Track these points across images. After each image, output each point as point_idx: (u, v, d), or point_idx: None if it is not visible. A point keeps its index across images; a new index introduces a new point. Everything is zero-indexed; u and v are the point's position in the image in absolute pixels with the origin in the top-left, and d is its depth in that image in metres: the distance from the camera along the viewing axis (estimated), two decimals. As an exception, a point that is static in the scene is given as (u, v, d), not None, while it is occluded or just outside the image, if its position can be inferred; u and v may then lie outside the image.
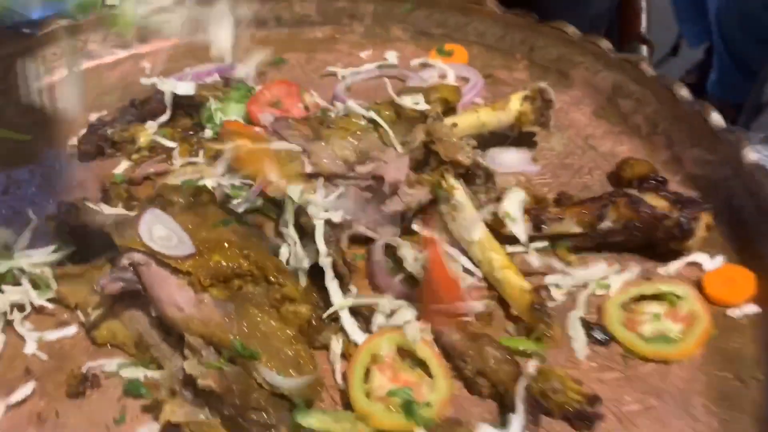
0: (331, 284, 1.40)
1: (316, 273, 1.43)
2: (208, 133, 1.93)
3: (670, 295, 1.45)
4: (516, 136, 1.85)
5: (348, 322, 1.40)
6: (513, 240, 1.56)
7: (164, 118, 2.03)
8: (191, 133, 1.98)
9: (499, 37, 2.24)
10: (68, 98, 1.96)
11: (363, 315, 1.42)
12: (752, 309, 1.43)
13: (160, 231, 1.32)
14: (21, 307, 1.50)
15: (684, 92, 1.79)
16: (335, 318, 1.42)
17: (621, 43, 2.83)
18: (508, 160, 1.84)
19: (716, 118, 1.69)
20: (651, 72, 1.90)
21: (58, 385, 1.38)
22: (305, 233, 1.50)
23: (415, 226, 1.57)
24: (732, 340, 1.39)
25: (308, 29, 2.42)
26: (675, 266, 1.53)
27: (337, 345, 1.38)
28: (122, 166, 1.89)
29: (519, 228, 1.53)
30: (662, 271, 1.53)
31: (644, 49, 2.88)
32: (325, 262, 1.39)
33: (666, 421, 1.27)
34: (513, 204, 1.56)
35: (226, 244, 1.33)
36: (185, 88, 2.00)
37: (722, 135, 1.66)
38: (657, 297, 1.46)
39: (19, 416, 1.34)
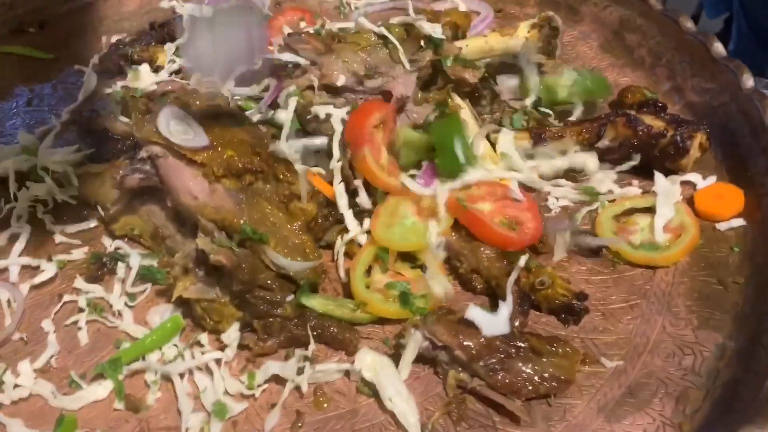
0: (338, 186, 1.47)
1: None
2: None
3: (661, 207, 1.51)
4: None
5: (352, 222, 1.48)
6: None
7: (182, 40, 2.10)
8: (208, 54, 2.04)
9: (511, -27, 2.27)
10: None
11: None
12: (739, 222, 1.48)
13: (178, 125, 1.39)
14: (44, 203, 1.59)
15: (689, 24, 1.83)
16: (340, 220, 1.49)
17: None
18: (513, 86, 1.89)
19: (718, 48, 1.73)
20: (658, 6, 1.94)
21: (77, 269, 1.47)
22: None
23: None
24: (718, 250, 1.45)
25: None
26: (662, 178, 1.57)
27: (340, 243, 1.46)
28: (142, 84, 1.95)
29: (518, 162, 1.58)
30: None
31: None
32: (336, 166, 1.46)
33: (648, 318, 1.34)
34: (506, 144, 1.61)
35: (238, 141, 1.40)
36: (203, 10, 2.06)
37: (723, 63, 1.70)
38: (649, 209, 1.52)
39: (41, 296, 1.44)
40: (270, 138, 1.52)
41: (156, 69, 2.02)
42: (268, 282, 1.28)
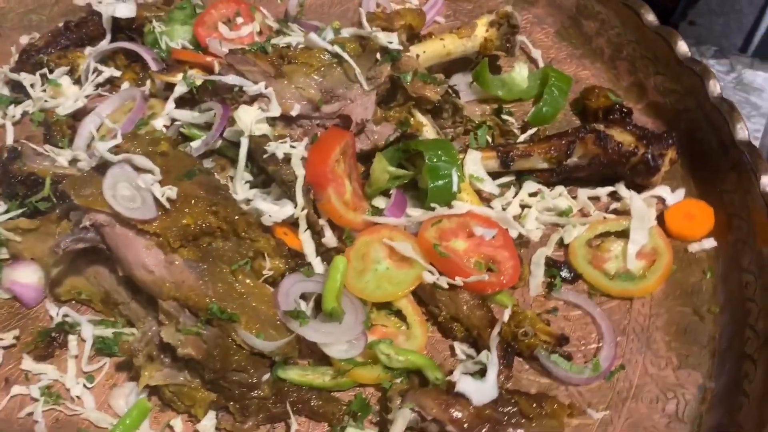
0: (304, 235, 1.38)
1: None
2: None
3: (634, 231, 1.48)
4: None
5: (320, 269, 1.39)
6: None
7: (104, 43, 1.88)
8: (135, 60, 1.83)
9: (462, -48, 2.12)
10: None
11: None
12: (710, 243, 1.48)
13: (124, 190, 1.24)
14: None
15: (650, 17, 1.75)
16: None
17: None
18: (473, 86, 1.80)
19: (682, 47, 1.67)
20: (616, -8, 1.85)
21: (23, 347, 1.34)
22: (270, 182, 1.47)
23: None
24: (691, 274, 1.45)
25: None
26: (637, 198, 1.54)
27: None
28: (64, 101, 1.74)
29: (489, 185, 1.52)
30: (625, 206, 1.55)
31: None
32: (301, 214, 1.35)
33: (629, 358, 1.34)
34: (474, 165, 1.54)
35: (193, 201, 1.27)
36: (125, 10, 1.84)
37: (688, 64, 1.65)
38: (622, 234, 1.50)
39: (-13, 382, 1.31)
40: (222, 185, 1.40)
41: (77, 79, 1.82)
42: (242, 363, 1.20)
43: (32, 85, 1.78)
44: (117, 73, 1.80)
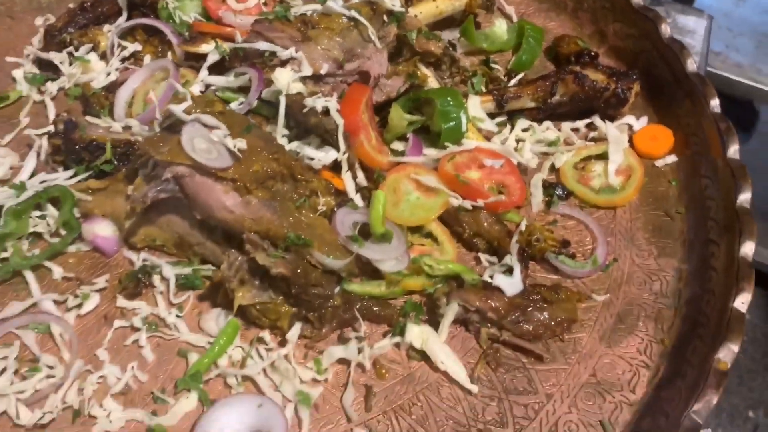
0: (346, 175, 1.62)
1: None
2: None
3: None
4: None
5: (360, 203, 1.63)
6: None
7: (121, 20, 2.03)
8: (152, 34, 2.00)
9: None
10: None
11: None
12: (672, 158, 1.81)
13: (201, 143, 1.45)
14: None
15: (607, -29, 2.05)
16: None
17: None
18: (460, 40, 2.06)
19: (636, -4, 1.98)
20: (574, -49, 2.13)
21: (112, 289, 1.54)
22: (302, 135, 1.70)
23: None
24: (659, 184, 1.78)
25: None
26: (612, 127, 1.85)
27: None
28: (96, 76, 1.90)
29: (488, 124, 1.80)
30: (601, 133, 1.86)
31: None
32: (344, 158, 1.59)
33: (619, 253, 1.65)
34: (475, 108, 1.81)
35: (258, 150, 1.49)
36: (140, -12, 2.00)
37: (641, 12, 1.95)
38: (601, 156, 1.81)
39: (86, 321, 1.50)
40: (272, 137, 1.62)
41: (102, 55, 1.98)
42: (318, 279, 1.44)
43: (62, 63, 1.93)
44: (139, 48, 1.96)
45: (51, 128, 1.73)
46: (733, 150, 1.64)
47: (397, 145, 1.79)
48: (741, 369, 3.63)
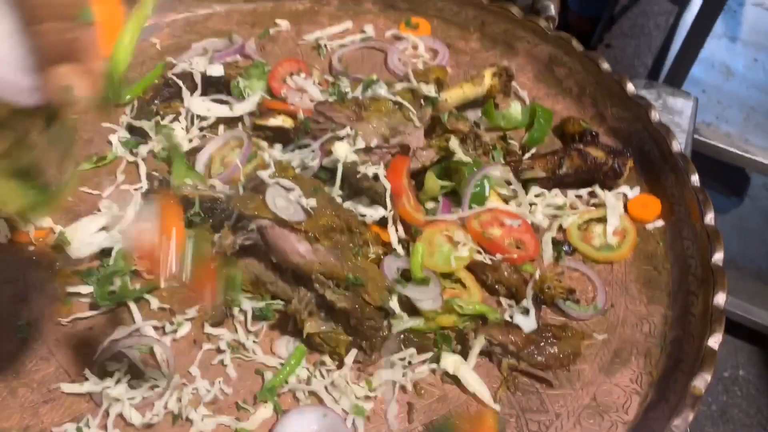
0: (391, 229, 1.98)
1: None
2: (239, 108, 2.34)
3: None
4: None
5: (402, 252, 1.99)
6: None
7: (197, 94, 2.42)
8: (224, 107, 2.38)
9: (454, 13, 2.77)
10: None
11: (412, 248, 2.01)
12: (660, 223, 2.16)
13: (281, 202, 1.81)
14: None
15: (605, 65, 2.45)
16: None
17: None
18: (481, 119, 2.45)
19: (630, 87, 2.37)
20: (579, 47, 2.54)
21: (199, 319, 1.88)
22: (358, 193, 2.06)
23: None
24: (649, 244, 2.13)
25: (290, 2, 2.83)
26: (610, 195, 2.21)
27: (396, 271, 1.97)
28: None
29: (519, 189, 2.16)
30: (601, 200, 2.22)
31: (551, 7, 3.51)
32: (390, 215, 1.95)
33: (615, 300, 1.99)
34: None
35: (323, 208, 1.86)
36: (216, 70, 2.40)
37: (634, 99, 2.34)
38: (601, 219, 2.17)
39: (180, 343, 1.84)
40: (332, 197, 1.98)
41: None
42: (372, 314, 1.78)
43: (150, 129, 2.31)
44: (213, 119, 2.35)
45: (145, 184, 2.10)
46: (710, 217, 2.00)
47: (430, 205, 2.15)
48: (736, 424, 3.89)
